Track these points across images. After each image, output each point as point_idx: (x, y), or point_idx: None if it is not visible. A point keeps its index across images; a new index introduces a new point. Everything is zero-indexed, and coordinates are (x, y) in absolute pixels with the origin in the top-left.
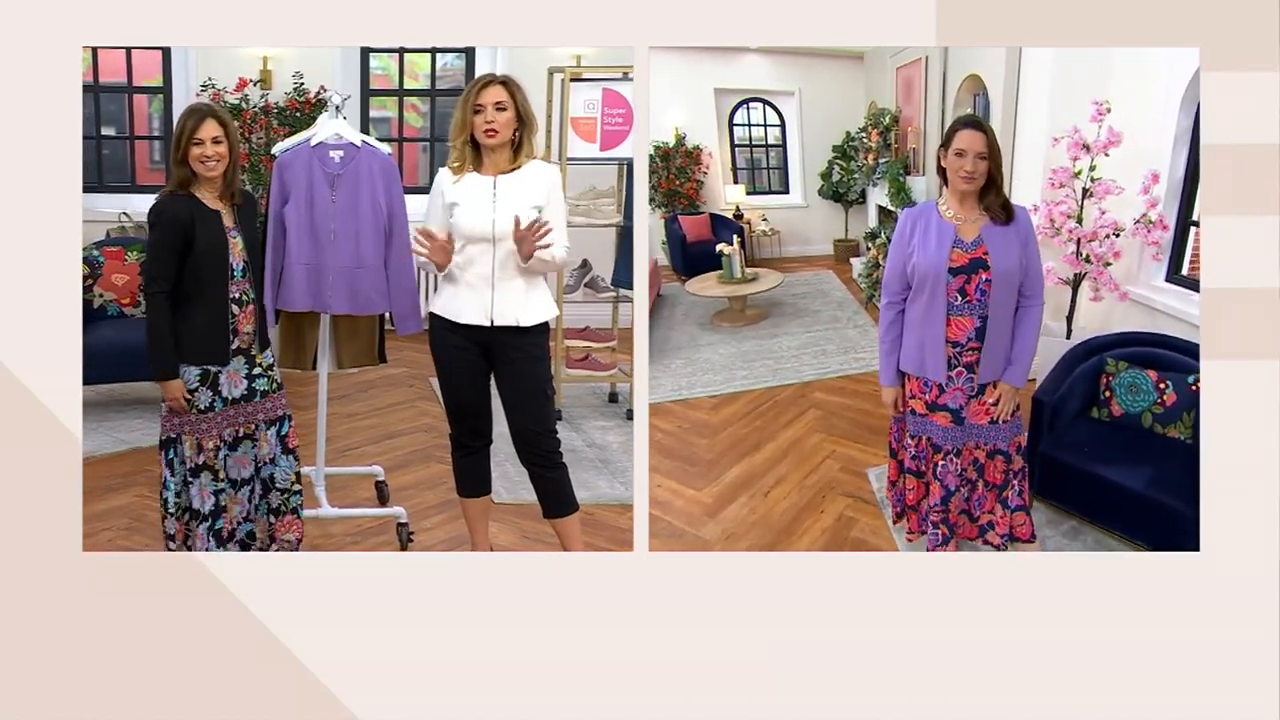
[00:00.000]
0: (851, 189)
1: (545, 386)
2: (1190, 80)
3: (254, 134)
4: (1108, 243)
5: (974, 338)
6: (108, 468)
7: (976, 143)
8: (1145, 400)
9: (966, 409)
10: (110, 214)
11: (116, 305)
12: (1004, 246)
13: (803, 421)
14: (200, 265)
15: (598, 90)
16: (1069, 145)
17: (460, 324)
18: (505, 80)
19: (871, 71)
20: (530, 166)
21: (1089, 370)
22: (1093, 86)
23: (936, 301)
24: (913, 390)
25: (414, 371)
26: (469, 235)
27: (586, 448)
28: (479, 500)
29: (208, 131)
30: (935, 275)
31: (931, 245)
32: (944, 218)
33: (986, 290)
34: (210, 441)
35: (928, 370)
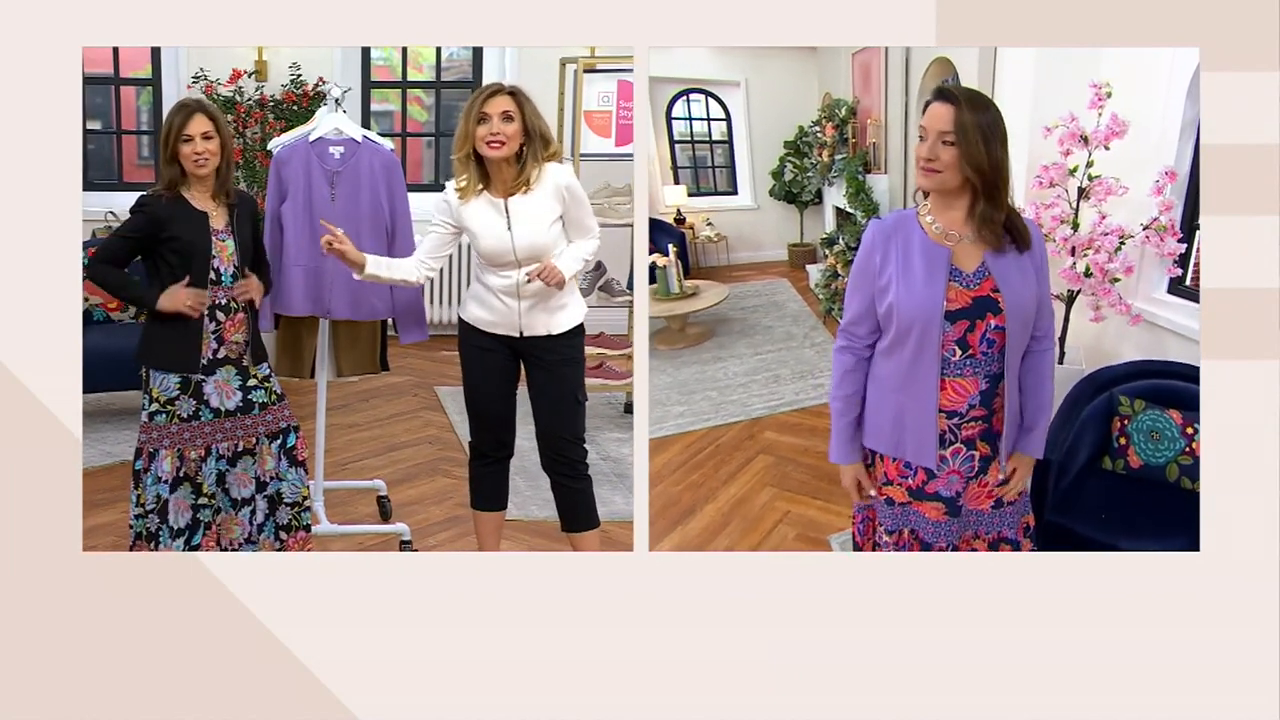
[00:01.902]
0: (806, 189)
1: (578, 391)
2: (1197, 65)
3: (249, 128)
4: (1118, 256)
5: (977, 404)
6: (94, 482)
7: (939, 118)
8: (1170, 449)
9: (965, 494)
10: (96, 213)
11: (103, 310)
12: (1018, 279)
13: (750, 472)
14: (178, 267)
15: (612, 82)
16: (1063, 136)
17: (492, 333)
18: (513, 90)
19: (825, 59)
20: (538, 182)
21: (1098, 412)
22: (1084, 68)
23: (925, 357)
24: (888, 474)
25: (418, 380)
26: (492, 260)
27: (601, 461)
28: (493, 515)
29: (197, 127)
30: (925, 322)
31: (918, 278)
32: (930, 236)
33: (996, 341)
34: (193, 452)
35: (908, 452)
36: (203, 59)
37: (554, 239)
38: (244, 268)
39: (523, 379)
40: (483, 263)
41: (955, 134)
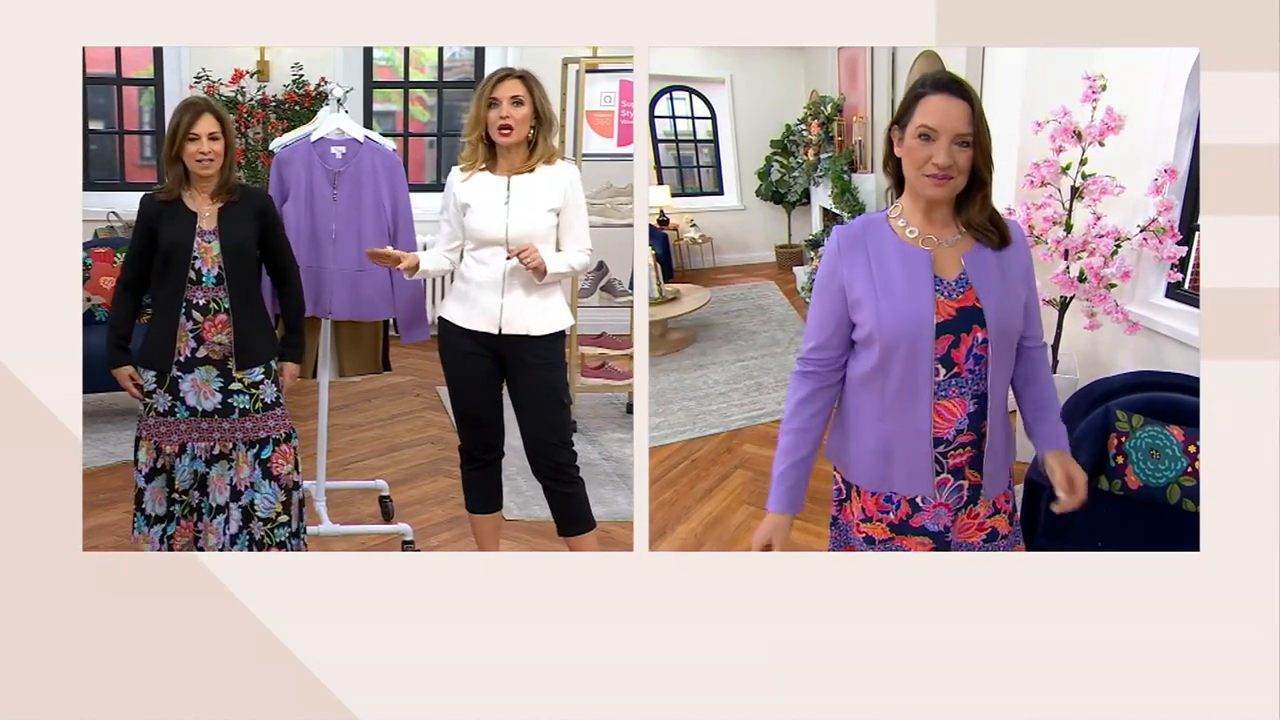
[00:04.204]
0: (793, 188)
1: (561, 395)
2: (1197, 58)
3: (251, 128)
4: (1114, 260)
5: (965, 428)
6: (95, 482)
7: (954, 117)
8: (1171, 469)
9: (954, 528)
10: (98, 213)
11: (105, 310)
12: (999, 284)
13: (726, 489)
14: (158, 266)
15: (614, 82)
16: (1055, 131)
17: (471, 330)
18: (523, 74)
19: (812, 55)
20: (548, 167)
21: (1094, 427)
22: (1077, 59)
23: (915, 378)
24: (866, 509)
25: (420, 380)
26: (479, 238)
27: (602, 461)
28: (490, 516)
29: (204, 127)
30: (913, 338)
31: (898, 288)
32: (905, 240)
33: (983, 355)
34: (169, 447)
35: (897, 484)
36: (205, 59)
37: (547, 230)
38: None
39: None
40: (469, 248)
41: (974, 134)
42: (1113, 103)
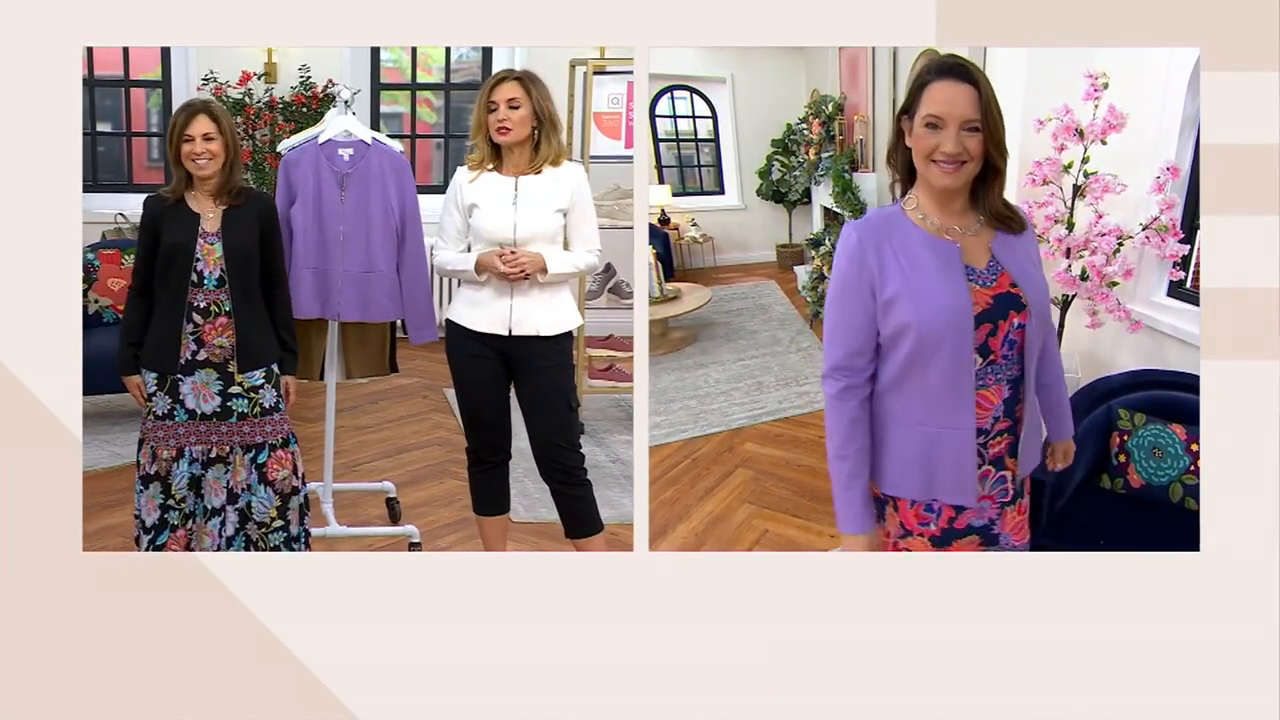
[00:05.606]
0: (794, 188)
1: (569, 397)
2: (1198, 57)
3: (258, 130)
4: (1116, 258)
5: (1002, 415)
6: (101, 483)
7: (960, 103)
8: (1173, 467)
9: (1000, 521)
10: (106, 214)
11: (113, 311)
12: (1027, 268)
13: (727, 488)
14: (160, 268)
15: (622, 84)
16: (1057, 130)
17: (479, 332)
18: (521, 76)
19: (813, 54)
20: (554, 168)
21: (1096, 426)
22: (1079, 59)
23: (958, 374)
24: (906, 524)
25: (427, 382)
26: (488, 238)
27: (610, 463)
28: (497, 519)
29: (198, 128)
30: (955, 331)
31: (933, 281)
32: (929, 232)
33: (1017, 341)
34: (165, 452)
35: (944, 491)
36: (212, 61)
37: (555, 230)
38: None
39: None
40: (477, 249)
41: (983, 119)
42: (1115, 101)
